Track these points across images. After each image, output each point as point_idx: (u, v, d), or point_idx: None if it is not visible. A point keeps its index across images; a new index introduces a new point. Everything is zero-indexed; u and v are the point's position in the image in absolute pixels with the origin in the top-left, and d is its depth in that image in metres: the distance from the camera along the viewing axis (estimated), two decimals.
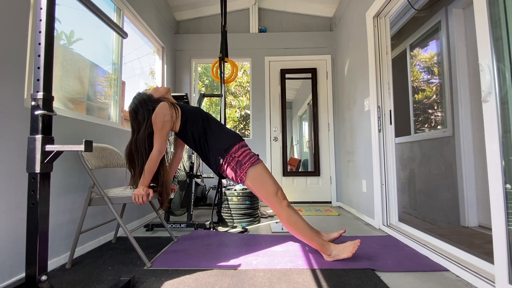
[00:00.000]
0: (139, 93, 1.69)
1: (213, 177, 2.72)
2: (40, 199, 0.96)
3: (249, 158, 1.56)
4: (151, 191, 1.53)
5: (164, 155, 1.63)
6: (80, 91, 2.04)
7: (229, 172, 1.57)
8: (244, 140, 1.67)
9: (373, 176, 2.36)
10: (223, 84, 2.42)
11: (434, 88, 3.00)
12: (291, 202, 3.59)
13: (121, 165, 1.89)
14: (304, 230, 1.52)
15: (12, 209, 1.28)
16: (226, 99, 6.04)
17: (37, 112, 0.98)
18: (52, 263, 1.48)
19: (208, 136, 1.60)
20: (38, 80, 0.99)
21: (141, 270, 1.43)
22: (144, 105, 1.62)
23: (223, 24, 2.44)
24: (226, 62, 2.58)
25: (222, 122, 2.32)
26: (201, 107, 2.75)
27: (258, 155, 1.63)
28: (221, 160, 1.56)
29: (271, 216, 2.85)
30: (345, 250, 1.50)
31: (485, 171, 1.65)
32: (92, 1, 1.26)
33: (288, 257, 1.60)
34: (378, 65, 2.34)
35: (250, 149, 1.63)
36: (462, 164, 2.42)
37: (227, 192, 2.77)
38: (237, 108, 8.38)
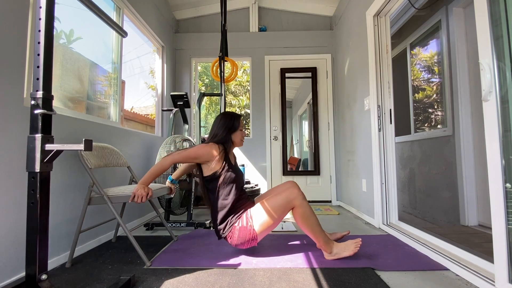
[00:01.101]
0: (237, 122, 1.70)
1: None
2: (40, 198, 0.96)
3: (246, 220, 1.54)
4: (151, 190, 1.53)
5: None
6: (80, 90, 2.04)
7: (236, 239, 1.55)
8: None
9: (373, 175, 2.36)
10: (223, 83, 2.42)
11: (434, 87, 3.00)
12: None
13: (120, 164, 1.89)
14: (314, 224, 1.53)
15: (12, 208, 1.28)
16: (226, 98, 6.04)
17: (36, 111, 0.97)
18: (52, 262, 1.48)
19: (223, 206, 1.59)
20: (37, 79, 0.98)
21: (141, 269, 1.43)
22: (225, 126, 1.65)
23: (223, 23, 2.44)
24: (226, 61, 2.57)
25: None
26: (201, 106, 2.75)
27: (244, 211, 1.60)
28: (226, 233, 1.57)
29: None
30: (347, 249, 1.50)
31: (485, 170, 1.65)
32: (91, 0, 1.26)
33: (288, 256, 1.60)
34: (378, 64, 2.33)
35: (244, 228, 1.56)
36: (462, 163, 2.42)
37: None
38: (237, 107, 8.38)
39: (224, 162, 1.60)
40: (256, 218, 1.53)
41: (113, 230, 2.01)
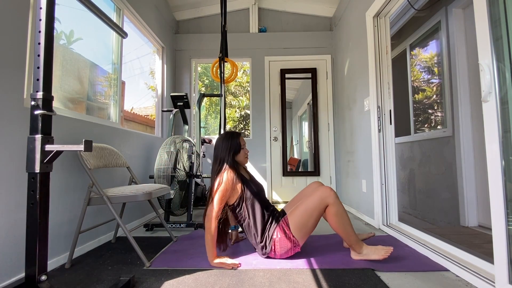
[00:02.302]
0: (238, 141, 1.68)
1: None
2: (40, 199, 0.96)
3: (283, 228, 1.54)
4: (227, 258, 1.52)
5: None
6: (80, 91, 2.04)
7: (279, 251, 1.54)
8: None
9: (373, 176, 2.36)
10: (223, 84, 2.42)
11: (434, 88, 3.00)
12: None
13: (120, 164, 1.89)
14: (347, 224, 1.52)
15: (12, 209, 1.27)
16: (226, 99, 6.04)
17: (36, 112, 0.97)
18: (52, 263, 1.48)
19: (257, 226, 1.59)
20: (37, 80, 0.99)
21: (141, 270, 1.42)
22: (227, 148, 1.63)
23: (223, 24, 2.44)
24: (226, 62, 2.57)
25: (222, 122, 2.31)
26: (201, 107, 2.75)
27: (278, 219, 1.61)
28: (265, 251, 1.56)
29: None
30: (377, 252, 1.48)
31: (485, 171, 1.65)
32: (91, 1, 1.26)
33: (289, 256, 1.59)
34: (378, 65, 2.34)
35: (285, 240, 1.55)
36: (462, 164, 2.42)
37: None
38: (237, 108, 8.38)
39: (241, 183, 1.60)
40: (293, 224, 1.53)
41: (112, 230, 2.01)
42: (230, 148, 1.64)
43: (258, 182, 1.73)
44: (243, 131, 8.16)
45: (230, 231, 1.85)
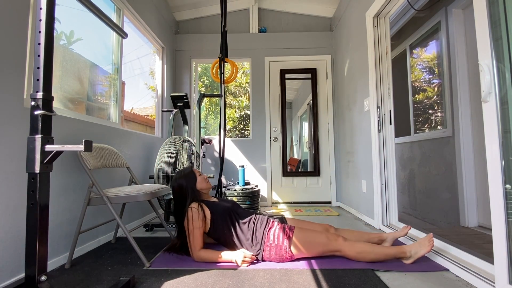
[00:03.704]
0: (191, 171, 1.73)
1: (213, 177, 2.72)
2: (40, 199, 0.96)
3: (282, 236, 1.54)
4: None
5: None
6: (80, 91, 2.04)
7: (274, 257, 1.53)
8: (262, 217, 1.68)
9: (373, 176, 2.36)
10: (223, 84, 2.42)
11: (434, 88, 3.00)
12: (291, 202, 3.59)
13: (120, 165, 1.89)
14: (373, 252, 1.46)
15: (11, 209, 1.27)
16: (226, 99, 6.05)
17: (36, 112, 0.97)
18: (52, 263, 1.48)
19: (239, 237, 1.60)
20: (37, 80, 0.99)
21: (141, 270, 1.42)
22: (186, 186, 1.66)
23: (223, 24, 2.44)
24: (226, 62, 2.58)
25: (222, 122, 2.31)
26: (201, 107, 2.75)
27: (281, 221, 1.65)
28: (260, 254, 1.55)
29: (271, 217, 2.85)
30: (423, 246, 1.43)
31: (485, 171, 1.66)
32: (92, 1, 1.26)
33: None
34: (378, 65, 2.34)
35: (278, 227, 1.58)
36: (462, 164, 2.42)
37: (227, 192, 2.77)
38: (237, 109, 8.38)
39: (208, 209, 1.62)
40: (298, 239, 1.51)
41: (112, 231, 2.01)
42: (187, 184, 1.67)
43: (228, 200, 1.78)
44: (243, 131, 8.16)
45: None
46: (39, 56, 0.99)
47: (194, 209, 1.57)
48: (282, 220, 1.76)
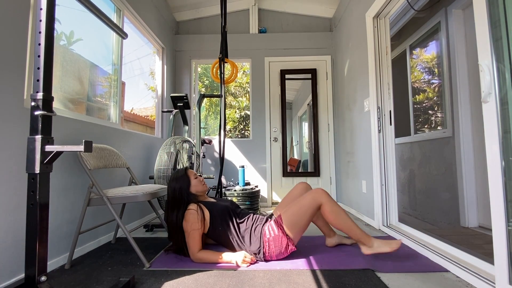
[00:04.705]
0: (185, 174, 1.70)
1: (213, 178, 2.72)
2: (40, 199, 0.96)
3: (276, 227, 1.55)
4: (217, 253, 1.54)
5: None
6: (80, 91, 2.04)
7: (274, 250, 1.54)
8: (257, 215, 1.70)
9: (373, 177, 2.36)
10: (223, 85, 2.42)
11: (434, 88, 3.00)
12: None
13: (120, 165, 1.89)
14: (348, 220, 1.54)
15: (11, 209, 1.27)
16: (226, 100, 6.05)
17: (37, 113, 0.97)
18: (52, 264, 1.47)
19: (238, 237, 1.60)
20: (38, 80, 0.99)
21: (141, 271, 1.42)
22: (180, 191, 1.64)
23: (223, 24, 2.45)
24: (226, 62, 2.58)
25: (222, 122, 2.31)
26: (201, 108, 2.75)
27: (268, 218, 1.67)
28: (261, 254, 1.55)
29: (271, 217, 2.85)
30: (387, 245, 1.48)
31: (485, 171, 1.65)
32: (92, 1, 1.26)
33: (287, 257, 1.59)
34: (378, 66, 2.34)
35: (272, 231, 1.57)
36: (462, 164, 2.42)
37: (227, 192, 2.77)
38: (237, 109, 8.38)
39: (206, 210, 1.62)
40: (287, 222, 1.54)
41: (112, 231, 2.01)
42: (181, 187, 1.65)
43: (226, 199, 1.78)
44: (243, 131, 8.16)
45: None
46: (39, 56, 0.99)
47: (192, 211, 1.57)
48: (271, 216, 1.76)
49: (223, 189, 2.62)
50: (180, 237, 1.60)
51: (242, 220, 1.63)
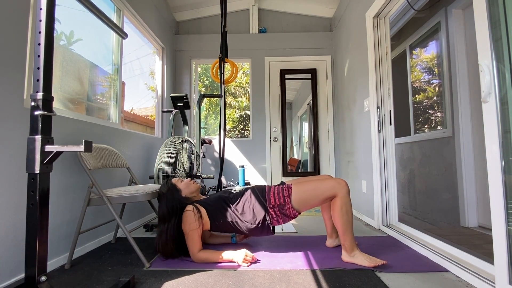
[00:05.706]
0: (170, 185, 1.68)
1: (213, 178, 2.72)
2: (40, 199, 0.96)
3: (282, 196, 1.57)
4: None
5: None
6: (80, 91, 2.04)
7: (281, 216, 1.57)
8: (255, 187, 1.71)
9: (373, 177, 2.36)
10: (223, 85, 2.42)
11: (434, 88, 3.00)
12: None
13: (120, 165, 1.89)
14: (350, 218, 1.53)
15: (11, 209, 1.27)
16: (226, 100, 6.05)
17: (36, 113, 0.97)
18: (52, 264, 1.47)
19: (239, 217, 1.61)
20: (37, 80, 0.99)
21: (141, 271, 1.42)
22: (172, 203, 1.62)
23: (223, 24, 2.44)
24: (226, 62, 2.58)
25: (222, 122, 2.31)
26: (201, 108, 2.75)
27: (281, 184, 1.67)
28: (268, 220, 1.57)
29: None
30: (366, 260, 1.45)
31: (485, 171, 1.66)
32: (92, 1, 1.26)
33: (287, 257, 1.59)
34: (378, 66, 2.34)
35: (273, 187, 1.64)
36: (462, 164, 2.42)
37: None
38: (237, 109, 8.38)
39: (202, 207, 1.62)
40: (296, 194, 1.54)
41: (112, 231, 2.01)
42: (173, 197, 1.64)
43: (215, 195, 1.77)
44: (243, 131, 8.16)
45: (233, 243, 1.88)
46: (39, 56, 0.99)
47: (189, 212, 1.57)
48: (282, 183, 1.75)
49: (223, 189, 2.63)
50: (171, 246, 1.58)
51: (237, 202, 1.64)
